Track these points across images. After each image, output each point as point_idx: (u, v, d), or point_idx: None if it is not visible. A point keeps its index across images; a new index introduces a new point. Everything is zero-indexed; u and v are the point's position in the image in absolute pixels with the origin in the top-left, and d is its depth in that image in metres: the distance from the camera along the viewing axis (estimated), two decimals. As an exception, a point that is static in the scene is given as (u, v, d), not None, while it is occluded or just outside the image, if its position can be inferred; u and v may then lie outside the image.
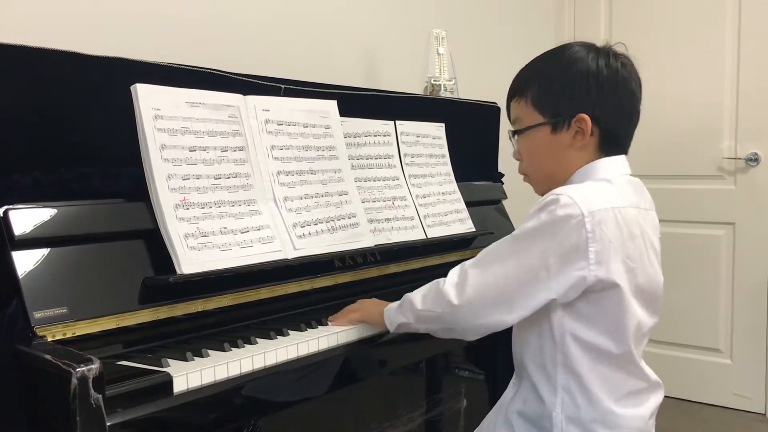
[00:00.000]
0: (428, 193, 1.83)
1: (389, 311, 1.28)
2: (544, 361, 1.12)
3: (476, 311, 1.11)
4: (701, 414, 3.03)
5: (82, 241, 1.13)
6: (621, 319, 1.08)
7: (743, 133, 2.98)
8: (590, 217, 1.03)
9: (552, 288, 1.05)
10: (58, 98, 1.17)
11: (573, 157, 1.16)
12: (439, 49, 2.24)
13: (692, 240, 3.11)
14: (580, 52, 1.15)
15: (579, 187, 1.10)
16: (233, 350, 1.15)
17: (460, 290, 1.12)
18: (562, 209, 1.04)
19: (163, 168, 1.22)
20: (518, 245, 1.09)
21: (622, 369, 1.11)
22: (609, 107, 1.13)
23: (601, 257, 1.04)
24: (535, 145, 1.19)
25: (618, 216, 1.07)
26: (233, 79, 1.41)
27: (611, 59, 1.15)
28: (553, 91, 1.15)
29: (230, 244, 1.27)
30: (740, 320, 3.02)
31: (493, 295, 1.09)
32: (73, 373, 0.87)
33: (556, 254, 1.05)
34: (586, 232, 1.03)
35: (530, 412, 1.15)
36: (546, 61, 1.19)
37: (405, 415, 1.89)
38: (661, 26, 3.13)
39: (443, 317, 1.15)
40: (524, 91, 1.18)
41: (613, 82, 1.13)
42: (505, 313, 1.09)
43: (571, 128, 1.14)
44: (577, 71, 1.13)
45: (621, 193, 1.12)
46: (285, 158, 1.45)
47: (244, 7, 1.92)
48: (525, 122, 1.19)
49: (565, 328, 1.09)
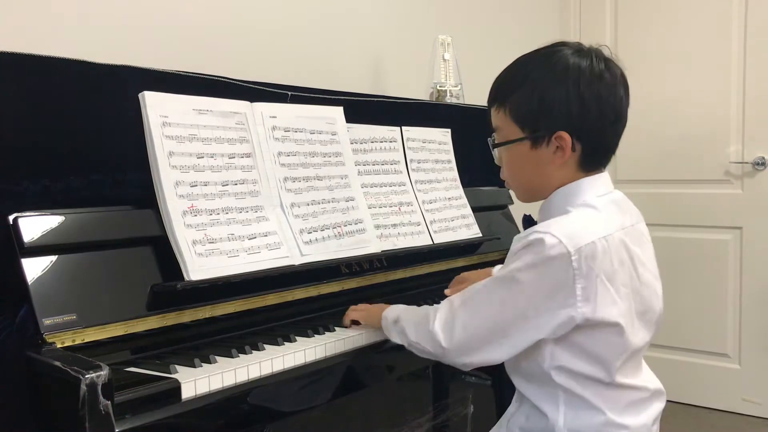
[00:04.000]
0: (434, 199, 1.83)
1: (386, 322, 1.28)
2: (541, 384, 1.12)
3: (465, 352, 1.12)
4: (710, 419, 3.02)
5: (90, 248, 1.14)
6: (612, 352, 1.07)
7: (750, 137, 2.97)
8: (576, 255, 1.01)
9: (540, 327, 1.04)
10: (67, 106, 1.18)
11: (553, 173, 1.13)
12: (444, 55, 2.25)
13: (699, 244, 3.10)
14: (563, 58, 1.09)
15: (563, 221, 1.07)
16: (241, 356, 1.15)
17: (449, 332, 1.12)
18: (547, 251, 1.02)
19: (171, 175, 1.22)
20: (505, 286, 1.07)
21: (616, 388, 1.10)
22: (591, 121, 1.09)
23: (589, 293, 1.02)
24: (515, 159, 1.16)
25: (605, 245, 1.04)
26: (240, 87, 1.42)
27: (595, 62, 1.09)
28: (532, 106, 1.10)
29: (238, 250, 1.27)
30: (748, 325, 3.01)
31: (482, 336, 1.09)
32: (82, 380, 0.88)
33: (543, 294, 1.03)
34: (573, 270, 1.01)
35: (533, 427, 1.14)
36: (527, 68, 1.13)
37: (412, 421, 1.88)
38: (666, 30, 3.12)
39: (434, 354, 1.16)
40: (503, 101, 1.14)
41: (596, 91, 1.08)
42: (493, 352, 1.09)
43: (551, 145, 1.10)
44: (558, 82, 1.08)
45: (605, 219, 1.09)
46: (292, 164, 1.45)
47: (250, 15, 1.93)
48: (504, 134, 1.15)
49: (554, 360, 1.08)
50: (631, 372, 1.13)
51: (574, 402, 1.09)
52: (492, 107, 1.18)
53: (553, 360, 1.08)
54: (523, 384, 1.15)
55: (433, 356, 1.17)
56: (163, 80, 1.29)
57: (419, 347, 1.18)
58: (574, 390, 1.08)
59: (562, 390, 1.09)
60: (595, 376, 1.08)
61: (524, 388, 1.15)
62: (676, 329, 3.08)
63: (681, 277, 3.06)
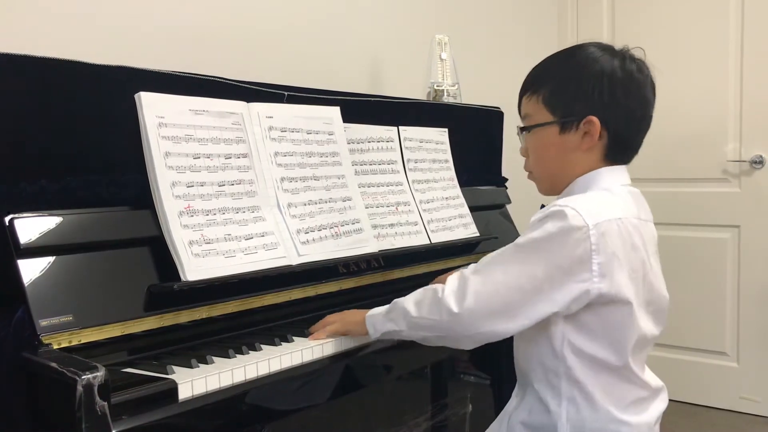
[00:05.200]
0: (432, 198, 1.83)
1: (373, 318, 1.24)
2: (547, 371, 1.11)
3: (476, 319, 1.08)
4: (708, 418, 3.02)
5: (87, 248, 1.14)
6: (624, 333, 1.07)
7: (748, 135, 2.98)
8: (595, 230, 1.03)
9: (555, 300, 1.04)
10: (64, 107, 1.17)
11: (578, 160, 1.15)
12: (441, 55, 2.25)
13: (697, 243, 3.10)
14: (596, 53, 1.14)
15: (582, 198, 1.10)
16: (238, 357, 1.15)
17: (460, 298, 1.09)
18: (567, 221, 1.03)
19: (167, 175, 1.22)
20: (522, 255, 1.07)
21: (624, 379, 1.10)
22: (620, 112, 1.12)
23: (605, 269, 1.03)
24: (542, 144, 1.18)
25: (621, 227, 1.06)
26: (236, 87, 1.42)
27: (627, 62, 1.14)
28: (565, 91, 1.14)
29: (234, 250, 1.27)
30: (746, 323, 3.01)
31: (495, 303, 1.07)
32: (79, 381, 0.88)
33: (560, 266, 1.04)
34: (591, 244, 1.02)
35: (535, 422, 1.14)
36: (561, 60, 1.18)
37: (410, 421, 1.88)
38: (664, 29, 3.12)
39: (440, 324, 1.12)
40: (536, 89, 1.17)
41: (626, 87, 1.12)
42: (505, 322, 1.07)
43: (580, 130, 1.13)
44: (591, 73, 1.12)
45: (623, 204, 1.11)
46: (288, 165, 1.45)
47: (246, 15, 1.93)
48: (534, 119, 1.18)
49: (566, 340, 1.08)
50: (639, 364, 1.14)
51: (578, 397, 1.09)
52: (524, 96, 1.21)
53: (565, 338, 1.08)
54: (528, 375, 1.15)
55: (439, 330, 1.13)
56: (159, 80, 1.29)
57: (423, 322, 1.14)
58: (581, 380, 1.08)
59: (567, 383, 1.09)
60: (606, 360, 1.08)
61: (530, 378, 1.15)
62: (675, 328, 3.06)
63: (679, 275, 3.05)
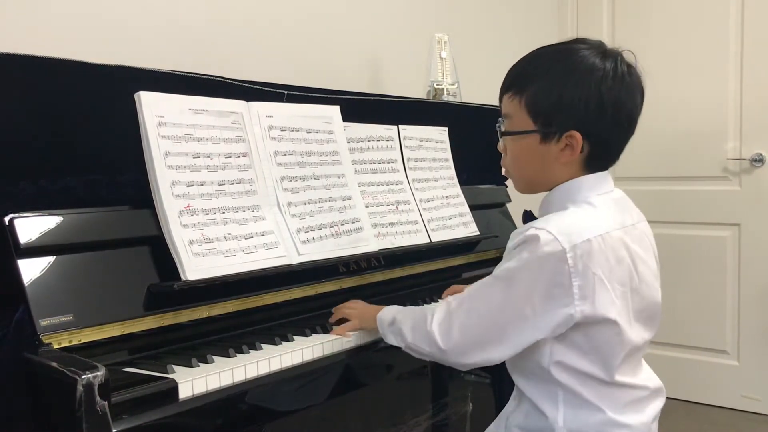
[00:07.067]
0: (432, 197, 1.83)
1: (381, 324, 1.27)
2: (539, 382, 1.11)
3: (464, 352, 1.11)
4: (709, 416, 3.02)
5: (87, 248, 1.14)
6: (612, 349, 1.06)
7: (748, 133, 2.97)
8: (572, 252, 1.01)
9: (539, 327, 1.04)
10: (63, 106, 1.17)
11: (557, 169, 1.12)
12: (441, 53, 2.25)
13: (698, 241, 3.10)
14: (588, 58, 1.08)
15: (559, 218, 1.07)
16: (238, 356, 1.15)
17: (446, 333, 1.11)
18: (542, 248, 1.01)
19: (167, 175, 1.22)
20: (501, 285, 1.07)
21: (615, 386, 1.09)
22: (606, 124, 1.08)
23: (586, 292, 1.02)
24: (521, 150, 1.15)
25: (602, 243, 1.04)
26: (236, 86, 1.42)
27: (619, 67, 1.08)
28: (549, 98, 1.08)
29: (234, 250, 1.27)
30: (747, 321, 3.01)
31: (480, 337, 1.08)
32: (79, 380, 0.88)
33: (540, 293, 1.03)
34: (569, 267, 1.01)
35: (532, 426, 1.13)
36: (550, 59, 1.11)
37: (411, 420, 1.88)
38: (663, 28, 3.12)
39: (432, 355, 1.15)
40: (519, 89, 1.11)
41: (616, 97, 1.07)
42: (493, 352, 1.08)
43: (561, 142, 1.10)
44: (580, 81, 1.06)
45: (604, 217, 1.08)
46: (288, 164, 1.45)
47: (246, 13, 1.93)
48: (515, 124, 1.13)
49: (553, 359, 1.07)
50: (631, 371, 1.12)
51: (573, 401, 1.09)
52: (505, 94, 1.15)
53: (553, 356, 1.07)
54: (522, 382, 1.15)
55: (432, 358, 1.16)
56: (159, 80, 1.28)
57: (417, 349, 1.17)
58: (573, 388, 1.08)
59: (561, 388, 1.09)
60: (594, 374, 1.07)
61: (524, 386, 1.15)
62: (675, 326, 3.08)
63: (679, 274, 3.05)
